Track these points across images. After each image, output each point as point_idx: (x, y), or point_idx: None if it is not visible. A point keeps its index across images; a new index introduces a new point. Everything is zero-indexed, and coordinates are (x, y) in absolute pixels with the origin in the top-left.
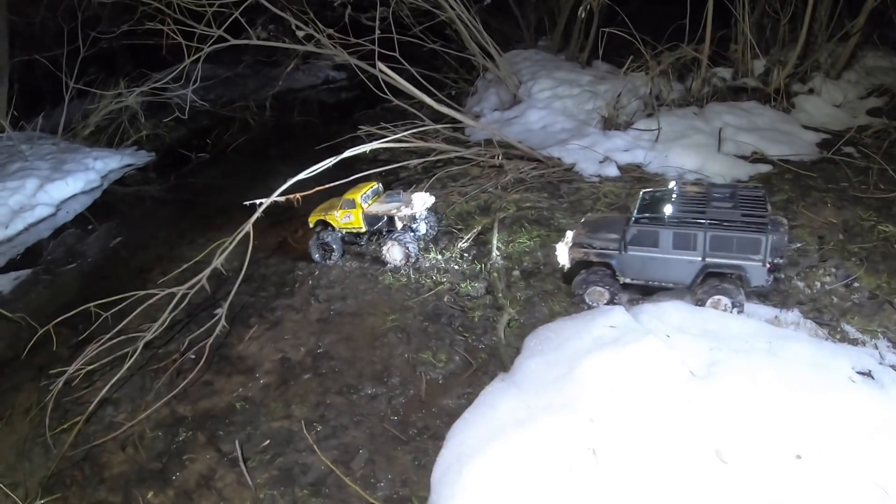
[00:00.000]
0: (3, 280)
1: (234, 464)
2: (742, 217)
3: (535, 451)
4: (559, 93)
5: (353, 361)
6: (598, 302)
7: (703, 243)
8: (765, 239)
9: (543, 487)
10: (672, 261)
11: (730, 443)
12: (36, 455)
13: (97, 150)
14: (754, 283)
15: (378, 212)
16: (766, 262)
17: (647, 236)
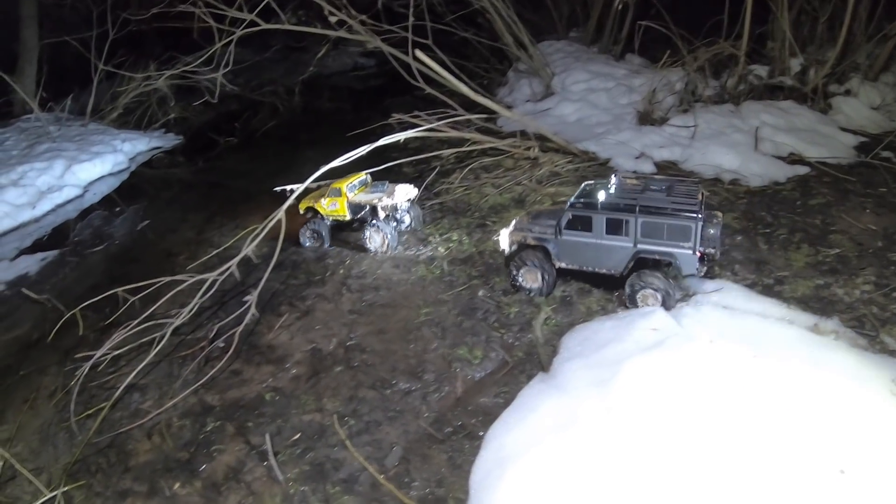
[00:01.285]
0: (30, 261)
1: (264, 457)
2: (673, 205)
3: (578, 457)
4: (593, 86)
5: (386, 355)
6: (530, 284)
7: (635, 229)
8: (694, 226)
9: (588, 494)
10: (605, 246)
11: (773, 454)
12: (60, 440)
13: (125, 132)
14: (686, 271)
15: (361, 201)
16: (697, 251)
17: (580, 221)
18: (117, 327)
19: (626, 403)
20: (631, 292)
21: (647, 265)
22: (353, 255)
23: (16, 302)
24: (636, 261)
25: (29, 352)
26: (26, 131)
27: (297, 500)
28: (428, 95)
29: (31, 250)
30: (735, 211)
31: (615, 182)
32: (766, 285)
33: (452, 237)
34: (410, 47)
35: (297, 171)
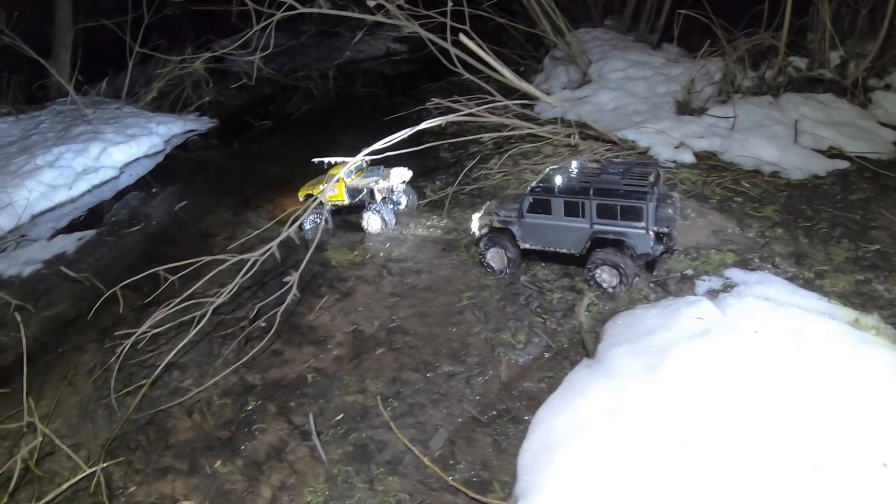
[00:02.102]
0: (68, 240)
1: (307, 437)
2: (626, 186)
3: (627, 442)
4: (631, 74)
5: (428, 338)
6: (497, 265)
7: (591, 211)
8: (646, 206)
9: (637, 479)
10: (563, 227)
11: (817, 446)
12: (99, 417)
13: (160, 115)
14: (640, 250)
15: (359, 185)
16: (650, 230)
17: (541, 204)
18: (156, 306)
19: (675, 390)
20: (589, 271)
21: (604, 244)
22: (393, 238)
23: (53, 280)
24: (593, 240)
25: (67, 329)
26: (62, 114)
27: (340, 481)
28: (464, 81)
29: (67, 230)
30: (775, 203)
31: (576, 166)
32: (806, 279)
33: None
34: (449, 33)
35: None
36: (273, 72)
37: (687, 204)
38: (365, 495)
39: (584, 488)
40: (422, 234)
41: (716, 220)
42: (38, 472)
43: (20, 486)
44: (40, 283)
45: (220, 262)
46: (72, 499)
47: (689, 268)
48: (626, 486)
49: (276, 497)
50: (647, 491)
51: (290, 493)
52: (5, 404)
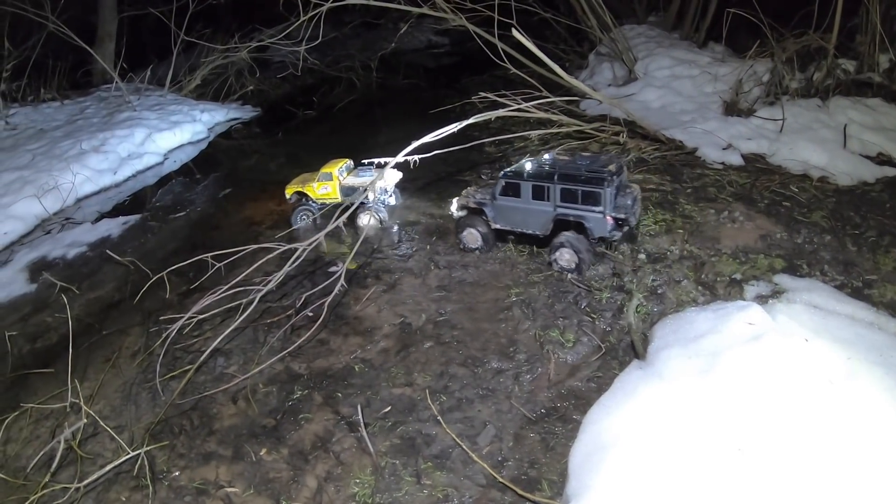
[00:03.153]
0: (112, 224)
1: (353, 428)
2: (587, 173)
3: (681, 445)
4: (677, 72)
5: (476, 333)
6: (472, 244)
7: (555, 195)
8: (604, 192)
9: (691, 484)
10: (530, 210)
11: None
12: (143, 400)
13: (203, 103)
14: (597, 233)
15: (353, 184)
16: (607, 214)
17: (511, 188)
18: (200, 292)
19: (728, 395)
20: (552, 251)
21: (566, 227)
22: (438, 232)
23: (97, 263)
24: (556, 222)
25: (111, 312)
26: (106, 100)
27: (387, 473)
28: (507, 75)
29: (112, 214)
30: (823, 209)
31: (548, 157)
32: (854, 287)
33: None
34: (496, 27)
35: (375, 145)
36: (317, 62)
37: (735, 206)
38: (412, 488)
39: (637, 490)
40: None
41: (764, 224)
42: (81, 453)
43: (62, 465)
44: (85, 266)
45: (267, 250)
46: (114, 480)
47: (738, 272)
48: (679, 490)
49: (322, 487)
50: (700, 496)
51: (337, 483)
52: (48, 384)
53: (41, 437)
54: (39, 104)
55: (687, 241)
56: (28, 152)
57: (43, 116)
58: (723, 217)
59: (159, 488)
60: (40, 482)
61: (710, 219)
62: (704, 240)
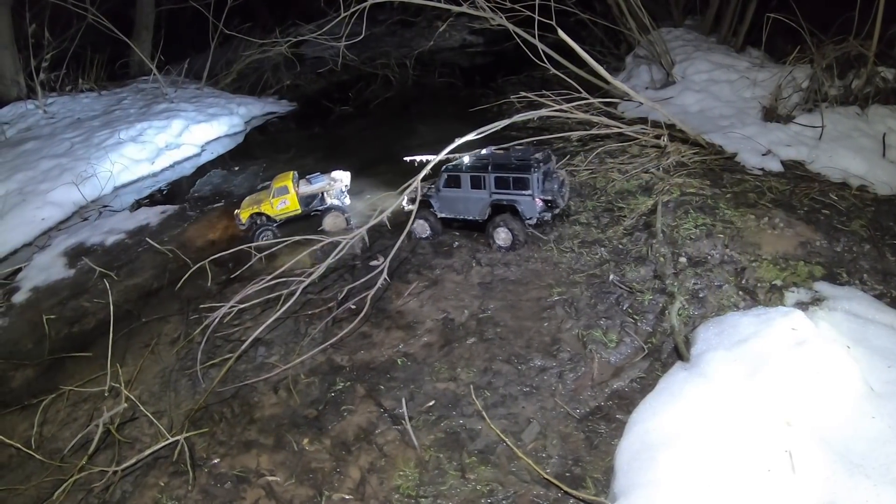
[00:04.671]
0: (151, 213)
1: (397, 421)
2: (517, 162)
3: (731, 448)
4: (716, 77)
5: (519, 331)
6: (422, 233)
7: (490, 183)
8: (531, 177)
9: (740, 485)
10: (470, 198)
11: None
12: (182, 387)
13: (239, 96)
14: (528, 214)
15: (309, 192)
16: (535, 197)
17: (453, 180)
18: (240, 282)
19: (776, 399)
20: (490, 232)
21: (501, 210)
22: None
23: (136, 251)
24: (492, 207)
25: (149, 299)
26: (143, 91)
27: (431, 467)
28: (544, 76)
29: (150, 203)
30: (862, 218)
31: (486, 152)
32: (893, 297)
33: (580, 219)
34: (537, 27)
35: (413, 142)
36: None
37: (775, 213)
38: (457, 482)
39: (687, 491)
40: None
41: (804, 232)
42: (119, 437)
43: (100, 449)
44: (123, 253)
45: (309, 242)
46: (152, 465)
47: (778, 278)
48: (729, 492)
49: (366, 479)
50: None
51: (380, 475)
52: (85, 368)
53: (78, 420)
54: (77, 94)
55: (727, 246)
56: (66, 140)
57: (80, 106)
58: (763, 223)
59: (199, 475)
60: (77, 464)
61: (750, 224)
62: (745, 245)
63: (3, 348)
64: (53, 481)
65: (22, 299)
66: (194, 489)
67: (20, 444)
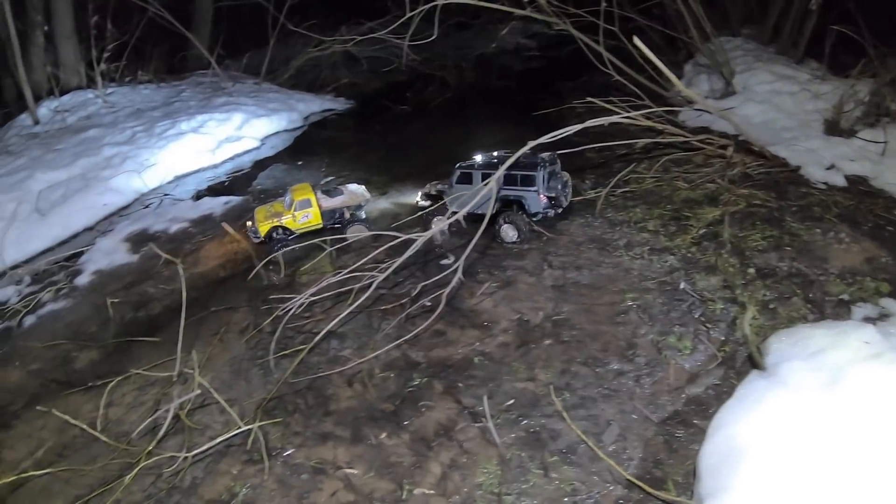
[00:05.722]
0: (215, 203)
1: (476, 418)
2: (525, 161)
3: (816, 455)
4: (777, 88)
5: (595, 334)
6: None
7: (500, 180)
8: (537, 175)
9: (827, 492)
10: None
11: None
12: (254, 376)
13: (298, 93)
14: (534, 208)
15: (333, 206)
16: (540, 193)
17: (465, 177)
18: (309, 274)
19: (857, 409)
20: (498, 226)
21: (508, 205)
22: (549, 232)
23: (200, 240)
24: (500, 202)
25: (216, 289)
26: (202, 84)
27: (514, 465)
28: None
29: (213, 193)
30: None
31: (496, 153)
32: None
33: (647, 226)
34: (602, 34)
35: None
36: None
37: (841, 228)
38: (539, 481)
39: (772, 495)
40: (577, 232)
41: (869, 248)
42: (190, 423)
43: (168, 434)
44: (187, 241)
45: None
46: (224, 453)
47: (845, 293)
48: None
49: (447, 475)
50: None
51: (462, 472)
52: (151, 353)
53: (145, 405)
54: (136, 85)
55: (795, 259)
56: (127, 129)
57: (140, 97)
58: (829, 237)
59: (274, 464)
60: (145, 448)
61: (816, 238)
62: (812, 259)
63: (66, 329)
64: (120, 464)
65: (85, 282)
66: (269, 478)
67: (85, 424)
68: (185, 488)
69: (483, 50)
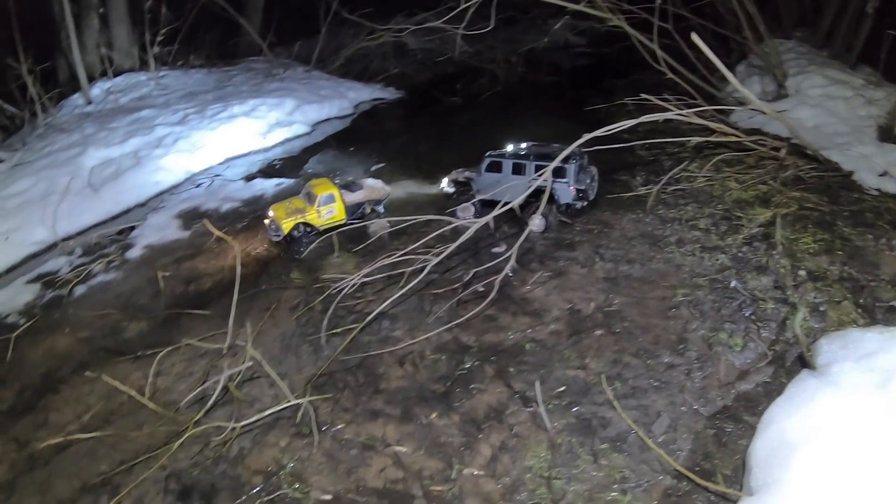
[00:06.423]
0: (266, 185)
1: (527, 403)
2: (556, 153)
3: (868, 454)
4: (830, 92)
5: (646, 327)
6: (466, 214)
7: (530, 170)
8: (568, 167)
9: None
10: (511, 183)
11: None
12: (304, 352)
13: (348, 81)
14: (563, 199)
15: (356, 200)
16: (571, 185)
17: (495, 165)
18: (360, 256)
19: None
20: (525, 216)
21: (538, 195)
22: (599, 226)
23: (251, 219)
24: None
25: (267, 266)
26: (253, 70)
27: (564, 450)
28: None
29: (263, 176)
30: None
31: (525, 144)
32: None
33: (699, 224)
34: (656, 32)
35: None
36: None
37: (893, 235)
38: (589, 467)
39: (823, 489)
40: (628, 227)
41: None
42: (238, 395)
43: (216, 405)
44: (238, 220)
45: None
46: (272, 426)
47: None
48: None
49: (497, 457)
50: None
51: (512, 454)
52: (201, 325)
53: (194, 375)
54: (188, 69)
55: (846, 264)
56: (180, 111)
57: (192, 80)
58: (881, 244)
59: (323, 438)
60: (192, 417)
61: (868, 244)
62: (863, 264)
63: (116, 300)
64: (166, 432)
65: (136, 255)
66: (318, 452)
67: (133, 391)
68: (231, 458)
69: (533, 45)
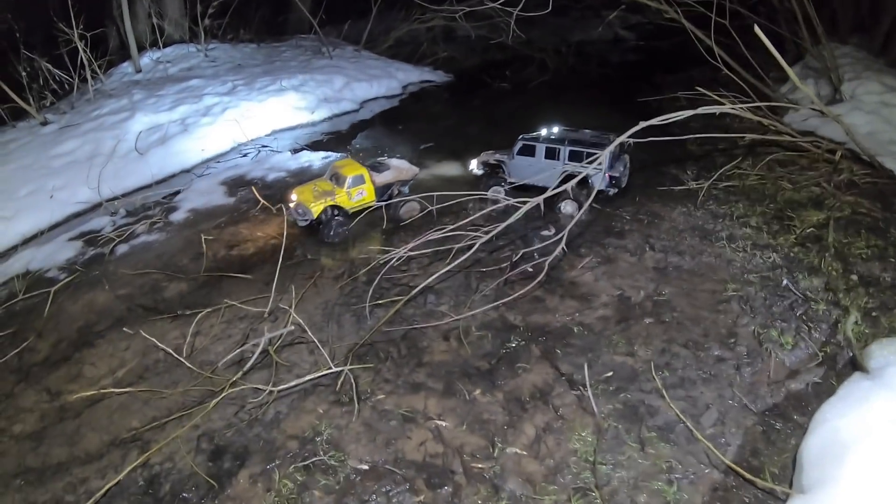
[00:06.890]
0: (313, 157)
1: (574, 385)
2: (591, 139)
3: None
4: (887, 100)
5: (696, 318)
6: (497, 196)
7: (564, 155)
8: (604, 154)
9: None
10: (543, 167)
11: None
12: (346, 322)
13: (397, 62)
14: (596, 185)
15: (385, 181)
16: (605, 172)
17: (528, 149)
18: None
19: None
20: (557, 202)
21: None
22: (649, 216)
23: None
24: (564, 178)
25: (312, 234)
26: (302, 47)
27: (609, 436)
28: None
29: (311, 148)
30: None
31: (558, 129)
32: None
33: (750, 222)
34: (713, 26)
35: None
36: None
37: None
38: (635, 454)
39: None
40: (678, 219)
41: None
42: (277, 359)
43: (254, 368)
44: (285, 190)
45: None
46: (310, 392)
47: None
48: None
49: (541, 437)
50: None
51: (557, 436)
52: (242, 289)
53: (232, 337)
54: (237, 43)
55: None
56: (228, 82)
57: (241, 54)
58: None
59: (362, 408)
60: (229, 379)
61: None
62: None
63: (157, 260)
64: (201, 391)
65: (180, 218)
66: (357, 421)
67: (171, 350)
68: (267, 421)
69: (583, 37)
